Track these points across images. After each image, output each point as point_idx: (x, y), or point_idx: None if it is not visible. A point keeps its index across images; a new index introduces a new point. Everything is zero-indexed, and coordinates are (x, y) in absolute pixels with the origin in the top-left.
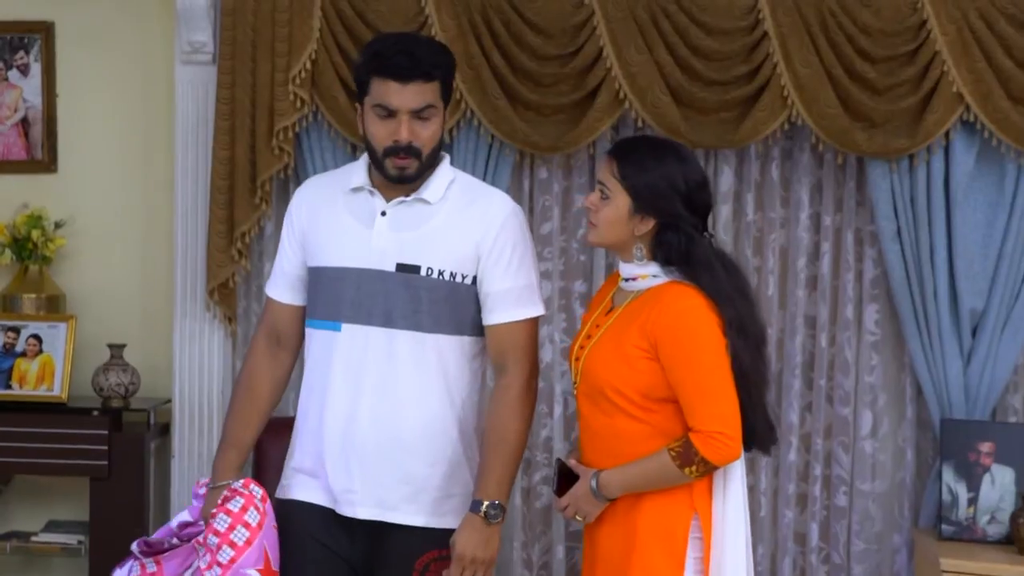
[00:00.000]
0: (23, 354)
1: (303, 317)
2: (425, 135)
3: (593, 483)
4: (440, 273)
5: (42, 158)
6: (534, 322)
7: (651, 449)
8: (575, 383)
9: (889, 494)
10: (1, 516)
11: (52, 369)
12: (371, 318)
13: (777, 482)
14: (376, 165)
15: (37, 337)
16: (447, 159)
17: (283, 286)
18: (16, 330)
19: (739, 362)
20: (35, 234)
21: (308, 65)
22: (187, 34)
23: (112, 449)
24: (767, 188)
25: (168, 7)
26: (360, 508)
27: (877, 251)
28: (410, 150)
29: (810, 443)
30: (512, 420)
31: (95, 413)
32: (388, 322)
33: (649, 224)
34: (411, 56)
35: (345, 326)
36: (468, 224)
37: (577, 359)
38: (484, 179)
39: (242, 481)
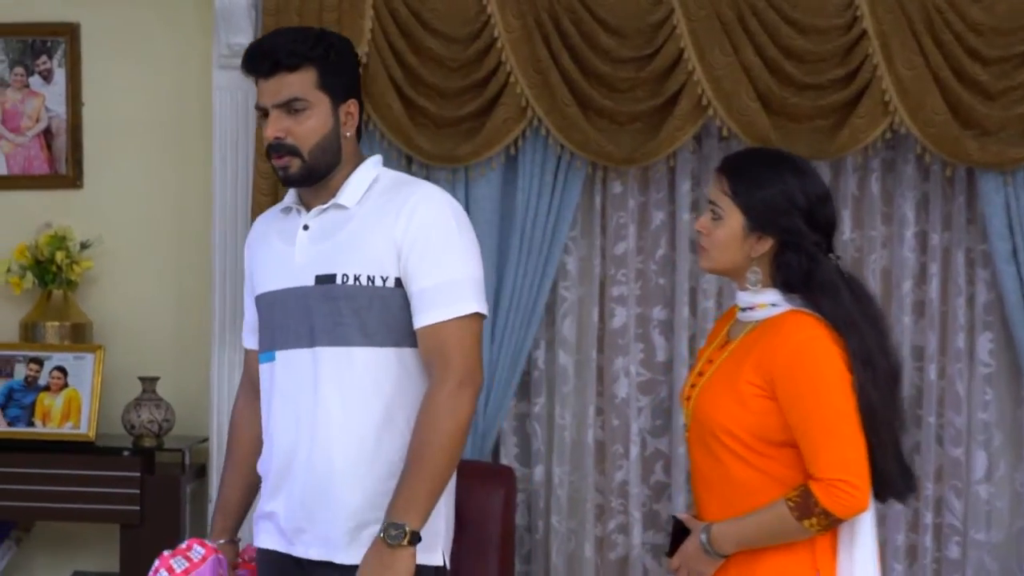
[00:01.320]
0: (46, 388)
1: None
2: (299, 130)
3: (703, 537)
4: (356, 279)
5: (66, 172)
6: (467, 321)
7: (767, 499)
8: (686, 424)
9: (1006, 544)
10: (22, 566)
11: (78, 405)
12: (298, 340)
13: (884, 532)
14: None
15: (62, 369)
16: (373, 160)
17: (249, 330)
18: (39, 362)
19: (867, 399)
20: (59, 256)
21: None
22: (226, 36)
23: (144, 493)
24: (867, 203)
25: (205, 7)
26: (311, 548)
27: (990, 273)
28: (282, 147)
29: (919, 488)
30: (432, 432)
31: (125, 453)
32: (312, 341)
33: (766, 244)
34: (264, 47)
35: (279, 354)
36: (385, 220)
37: (688, 398)
38: (552, 195)
39: (186, 542)
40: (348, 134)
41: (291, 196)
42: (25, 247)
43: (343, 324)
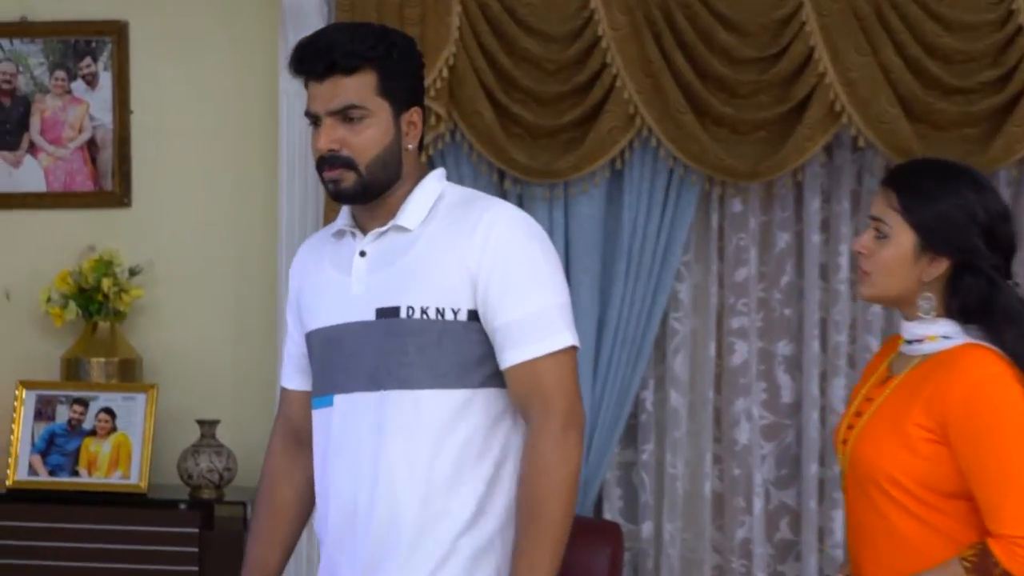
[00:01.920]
0: (92, 433)
1: None
2: (356, 141)
3: None
4: (423, 311)
5: (113, 189)
6: (564, 356)
7: (937, 558)
8: (842, 471)
9: None
10: None
11: (128, 451)
12: (359, 382)
13: None
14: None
15: (109, 411)
16: (436, 174)
17: (291, 369)
18: (84, 403)
19: None
20: (105, 283)
21: (444, 73)
22: (295, 36)
23: (203, 551)
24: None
25: (270, 3)
26: None
27: None
28: (334, 160)
29: None
30: (543, 486)
31: (182, 506)
32: (375, 383)
33: (941, 266)
34: (319, 45)
35: (338, 398)
36: (455, 243)
37: (844, 441)
38: (663, 214)
39: None
40: (410, 146)
41: (344, 217)
42: (67, 273)
43: (409, 364)
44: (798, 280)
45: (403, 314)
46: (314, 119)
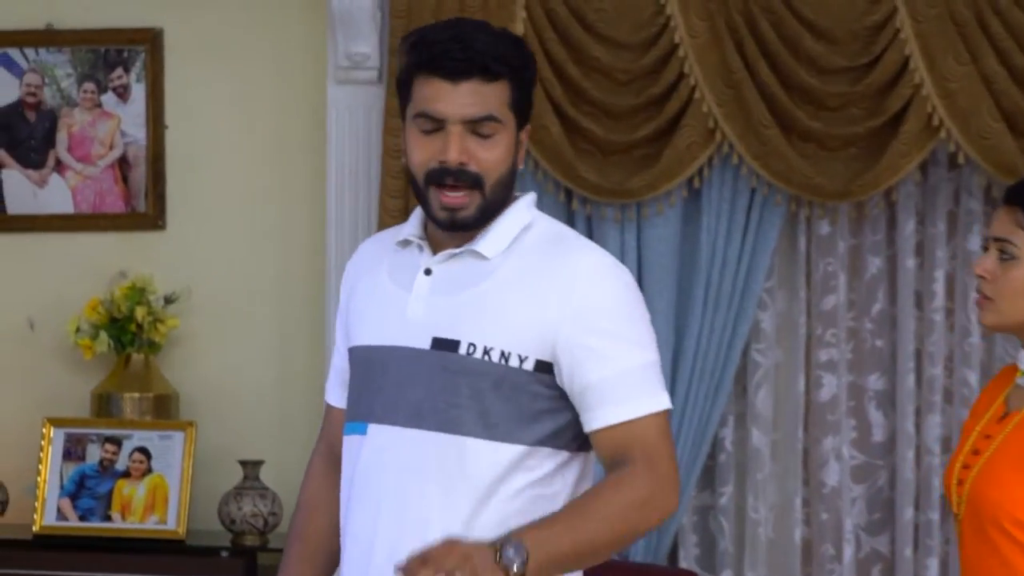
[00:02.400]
0: (126, 474)
1: None
2: (487, 158)
3: None
4: (487, 352)
5: (146, 210)
6: (662, 420)
7: None
8: (956, 514)
9: None
10: None
11: (165, 494)
12: (398, 414)
13: None
14: (422, 203)
15: (144, 451)
16: (527, 200)
17: (336, 384)
18: (116, 442)
19: None
20: (139, 312)
21: None
22: (345, 44)
23: None
24: None
25: (317, 10)
26: None
27: None
28: (463, 175)
29: None
30: (615, 491)
31: (224, 554)
32: (415, 419)
33: None
34: (464, 44)
35: (372, 427)
36: (537, 285)
37: (960, 482)
38: (744, 237)
39: None
40: (520, 167)
41: (414, 226)
42: (98, 302)
43: (458, 405)
44: (891, 308)
45: (462, 350)
46: (435, 123)
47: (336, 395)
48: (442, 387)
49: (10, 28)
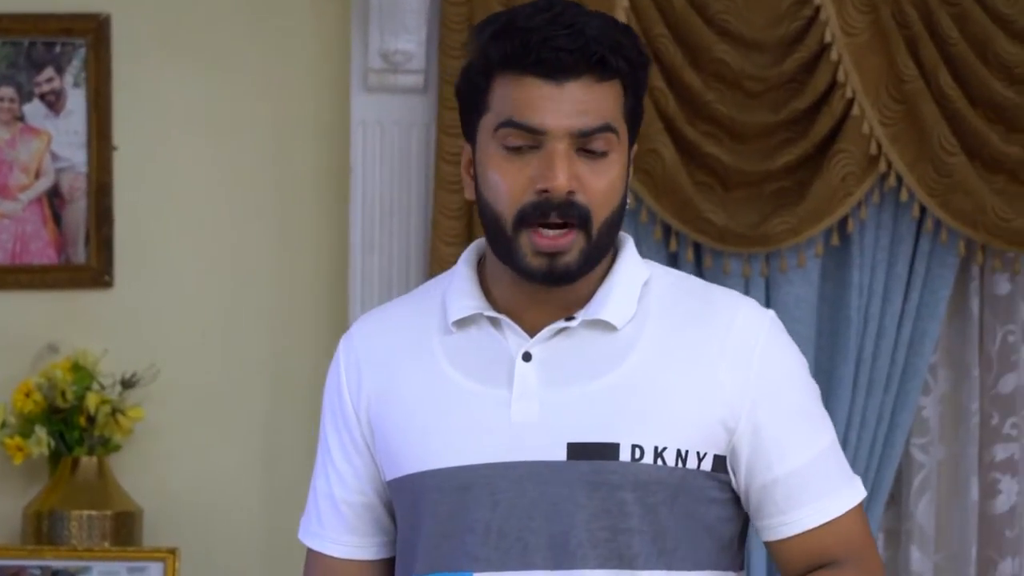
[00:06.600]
0: None
1: None
2: (598, 186)
3: None
4: (659, 455)
5: (86, 261)
6: (862, 510)
7: None
8: None
9: None
10: None
11: None
12: (527, 557)
13: None
14: (501, 254)
15: None
16: (630, 248)
17: (335, 526)
18: None
19: None
20: (92, 401)
21: None
22: (380, 39)
23: None
24: None
25: None
26: None
27: None
28: (571, 209)
29: None
30: None
31: None
32: (565, 560)
33: None
34: (574, 29)
35: None
36: (698, 359)
37: None
38: (905, 297)
39: None
40: (629, 199)
41: (474, 295)
42: (31, 386)
43: (629, 530)
44: None
45: (624, 455)
46: (530, 137)
47: (336, 540)
48: (601, 509)
49: None
